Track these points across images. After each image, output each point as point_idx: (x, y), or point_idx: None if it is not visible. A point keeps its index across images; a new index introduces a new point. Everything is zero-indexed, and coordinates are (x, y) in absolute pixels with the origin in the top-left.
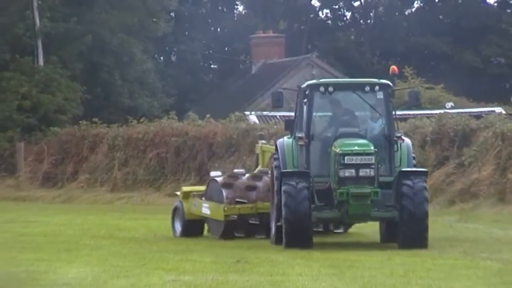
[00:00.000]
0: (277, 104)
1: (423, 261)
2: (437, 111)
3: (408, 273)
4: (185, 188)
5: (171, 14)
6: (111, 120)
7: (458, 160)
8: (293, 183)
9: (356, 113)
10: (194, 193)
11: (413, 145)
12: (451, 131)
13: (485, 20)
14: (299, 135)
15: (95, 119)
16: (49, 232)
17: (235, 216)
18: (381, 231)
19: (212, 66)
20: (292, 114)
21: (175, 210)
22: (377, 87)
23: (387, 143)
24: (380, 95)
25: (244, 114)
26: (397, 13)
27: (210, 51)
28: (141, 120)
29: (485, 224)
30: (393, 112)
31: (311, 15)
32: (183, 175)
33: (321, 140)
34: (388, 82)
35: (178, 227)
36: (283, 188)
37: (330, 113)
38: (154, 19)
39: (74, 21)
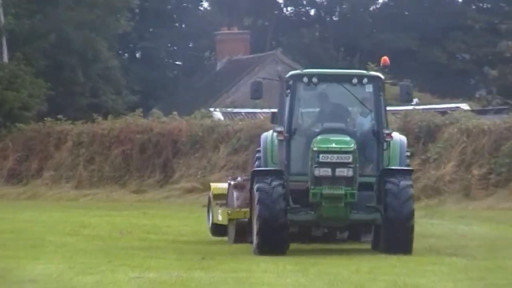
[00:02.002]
0: (256, 95)
1: (389, 257)
2: (403, 108)
3: (374, 270)
4: (215, 188)
5: (135, 10)
6: (75, 117)
7: (424, 156)
8: (267, 182)
9: (343, 107)
10: (218, 202)
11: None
12: (416, 127)
13: (450, 17)
14: (279, 129)
15: (60, 116)
16: (14, 229)
17: (247, 219)
18: (372, 236)
19: (177, 62)
20: (258, 110)
21: (209, 201)
22: (365, 80)
23: (375, 140)
24: (369, 88)
25: (209, 111)
26: (361, 9)
27: (175, 48)
28: (106, 117)
29: (450, 220)
30: (384, 107)
31: (276, 12)
32: (148, 172)
33: (305, 135)
34: (379, 74)
35: (209, 218)
36: (256, 187)
37: (314, 106)
38: (118, 15)
39: (38, 18)
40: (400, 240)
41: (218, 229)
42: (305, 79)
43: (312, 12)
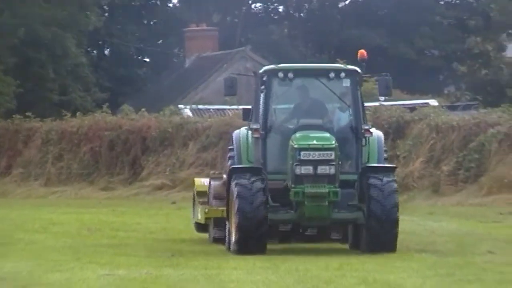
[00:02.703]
0: (230, 91)
1: (358, 253)
2: (371, 104)
3: (343, 266)
4: (198, 185)
5: (104, 7)
6: (44, 114)
7: (392, 153)
8: (246, 180)
9: (320, 103)
10: (200, 200)
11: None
12: (385, 123)
13: (419, 13)
14: (254, 126)
15: (29, 113)
16: None
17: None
18: (350, 235)
19: (145, 59)
20: (227, 107)
21: (193, 197)
22: (343, 74)
23: (354, 136)
24: (346, 82)
25: (178, 108)
26: (330, 6)
27: (144, 45)
28: (75, 114)
29: (419, 216)
30: (362, 102)
31: (244, 8)
32: (117, 169)
33: (280, 132)
34: (356, 68)
35: (193, 215)
36: (235, 186)
37: (290, 103)
38: (88, 12)
39: (7, 14)
40: (384, 239)
41: (201, 226)
42: (281, 74)
43: (281, 8)
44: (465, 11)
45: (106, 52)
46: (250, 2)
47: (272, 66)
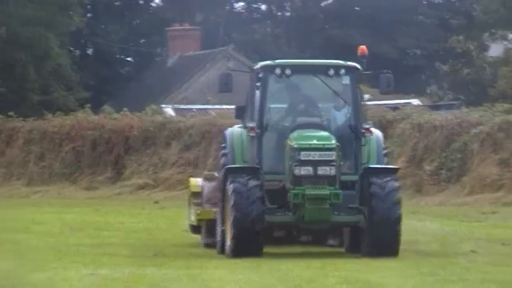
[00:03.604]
0: (225, 88)
1: (340, 253)
2: None
3: (325, 265)
4: (193, 186)
5: (87, 7)
6: (27, 114)
7: None
8: (243, 180)
9: (318, 100)
10: (195, 201)
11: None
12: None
13: (402, 12)
14: (250, 125)
15: (11, 113)
16: None
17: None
18: (346, 238)
19: (128, 59)
20: (210, 106)
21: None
22: (343, 71)
23: (353, 136)
24: (346, 79)
25: (161, 107)
26: (313, 5)
27: (126, 45)
28: (57, 114)
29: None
30: (362, 100)
31: (227, 7)
32: (100, 169)
33: (276, 131)
34: (356, 64)
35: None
36: (231, 186)
37: (287, 100)
38: (71, 12)
39: None
40: (387, 243)
41: (195, 228)
42: (278, 71)
43: (264, 7)
44: (448, 11)
45: (89, 51)
46: (233, 1)
47: (269, 62)
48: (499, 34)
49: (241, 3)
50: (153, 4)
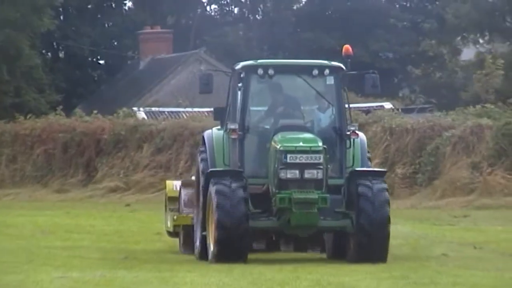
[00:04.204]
0: (206, 89)
1: (312, 256)
2: None
3: (297, 268)
4: (170, 190)
5: (59, 9)
6: None
7: None
8: (226, 182)
9: (301, 102)
10: (172, 207)
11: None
12: None
13: (374, 15)
14: (232, 126)
15: None
16: None
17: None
18: (329, 244)
19: (100, 61)
20: (181, 109)
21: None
22: (327, 71)
23: (337, 138)
24: (330, 80)
25: (132, 110)
26: (285, 8)
27: (98, 47)
28: (28, 116)
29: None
30: (346, 101)
31: (199, 10)
32: (71, 172)
33: (257, 133)
34: (341, 64)
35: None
36: (214, 188)
37: (269, 101)
38: (41, 14)
39: None
40: (375, 248)
41: (172, 234)
42: (260, 71)
43: (236, 10)
44: (420, 14)
45: (61, 54)
46: (205, 4)
47: (251, 62)
48: (471, 38)
49: (213, 6)
50: (126, 8)
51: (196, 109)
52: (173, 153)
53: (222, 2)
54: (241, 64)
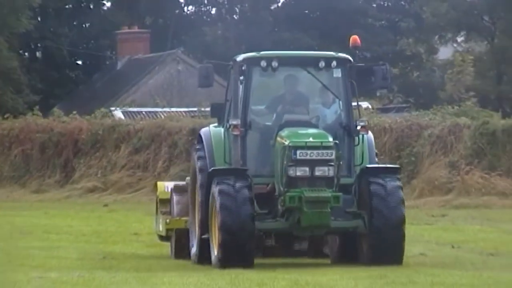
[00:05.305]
0: (206, 82)
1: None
2: None
3: (276, 268)
4: (161, 192)
5: (36, 9)
6: None
7: None
8: (230, 182)
9: (307, 96)
10: (163, 210)
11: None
12: None
13: (351, 15)
14: (234, 122)
15: None
16: None
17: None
18: (333, 246)
19: (77, 62)
20: (159, 109)
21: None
22: (334, 63)
23: (345, 134)
24: (337, 72)
25: (110, 110)
26: (262, 8)
27: (76, 47)
28: (6, 116)
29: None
30: (355, 95)
31: (177, 11)
32: (48, 172)
33: (260, 129)
34: (348, 56)
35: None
36: (217, 188)
37: (272, 95)
38: (19, 14)
39: None
40: (390, 250)
41: (164, 237)
42: (263, 63)
43: (213, 11)
44: (397, 13)
45: (38, 54)
46: (183, 4)
47: (253, 54)
48: (448, 37)
49: (191, 7)
50: (104, 8)
51: (173, 109)
52: (151, 153)
53: (200, 2)
54: (243, 56)
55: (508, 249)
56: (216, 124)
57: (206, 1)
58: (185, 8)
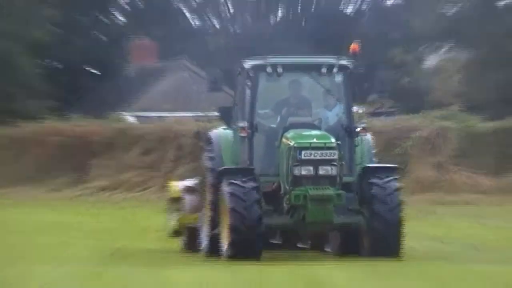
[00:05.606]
0: (214, 87)
1: (287, 249)
2: None
3: (272, 261)
4: (173, 191)
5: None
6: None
7: None
8: (239, 182)
9: (310, 99)
10: (174, 208)
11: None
12: None
13: (345, 27)
14: (241, 124)
15: None
16: None
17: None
18: (336, 241)
19: (91, 70)
20: (166, 114)
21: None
22: (336, 68)
23: (346, 135)
24: (339, 77)
25: (121, 115)
26: (263, 18)
27: (88, 56)
28: (24, 120)
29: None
30: (355, 99)
31: (181, 22)
32: (63, 173)
33: (266, 131)
34: (350, 62)
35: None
36: (227, 188)
37: (277, 99)
38: (36, 24)
39: None
40: (389, 247)
41: (175, 234)
42: (269, 69)
43: (216, 22)
44: (388, 24)
45: (53, 62)
46: (188, 16)
47: (260, 60)
48: (436, 45)
49: (195, 18)
50: (114, 19)
51: (179, 114)
52: (159, 154)
53: (204, 14)
54: (250, 62)
55: (493, 244)
56: (224, 127)
57: (209, 14)
58: (190, 19)
